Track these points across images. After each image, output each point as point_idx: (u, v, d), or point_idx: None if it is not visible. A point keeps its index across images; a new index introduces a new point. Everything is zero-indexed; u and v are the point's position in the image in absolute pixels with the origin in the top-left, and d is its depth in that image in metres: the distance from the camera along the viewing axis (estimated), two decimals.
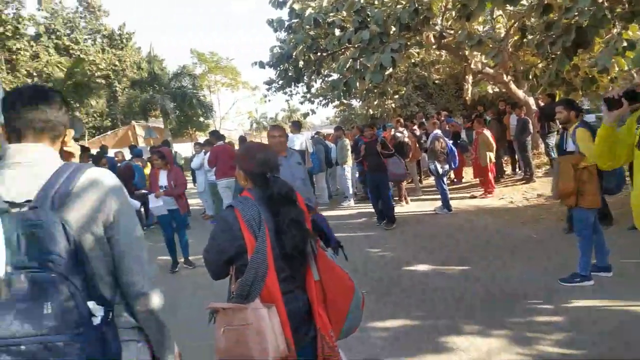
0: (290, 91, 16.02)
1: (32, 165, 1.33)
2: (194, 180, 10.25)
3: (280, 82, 14.08)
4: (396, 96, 15.81)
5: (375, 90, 13.60)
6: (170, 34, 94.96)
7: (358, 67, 7.80)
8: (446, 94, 16.80)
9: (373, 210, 7.78)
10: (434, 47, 10.00)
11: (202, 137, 24.71)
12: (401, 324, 3.75)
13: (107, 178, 1.40)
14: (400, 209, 8.35)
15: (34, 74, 21.44)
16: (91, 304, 1.23)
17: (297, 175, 4.00)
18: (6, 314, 1.14)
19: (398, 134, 8.40)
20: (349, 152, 9.44)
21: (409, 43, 8.50)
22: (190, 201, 9.74)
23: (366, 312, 2.21)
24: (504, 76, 10.28)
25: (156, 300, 1.43)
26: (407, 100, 15.89)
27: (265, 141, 4.05)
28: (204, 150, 9.23)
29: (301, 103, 20.09)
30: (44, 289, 1.17)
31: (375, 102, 15.84)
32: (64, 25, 27.13)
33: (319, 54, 10.33)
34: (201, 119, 27.16)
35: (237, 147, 10.81)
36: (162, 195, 5.81)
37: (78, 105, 17.67)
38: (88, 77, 17.30)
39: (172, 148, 11.66)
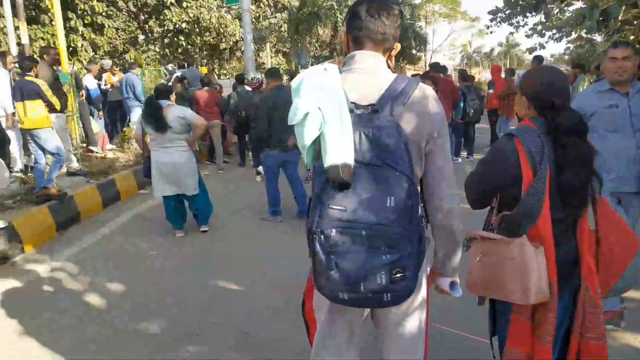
0: (518, 22, 14.26)
1: (372, 73, 1.45)
2: None
3: (509, 11, 12.60)
4: None
5: (636, 22, 11.02)
6: None
7: None
8: None
9: None
10: None
11: (410, 71, 24.37)
12: None
13: (434, 97, 1.48)
14: None
15: (271, 4, 23.82)
16: (420, 206, 1.35)
17: None
18: (352, 201, 1.30)
19: None
20: None
21: None
22: None
23: None
24: None
25: (458, 217, 1.53)
26: None
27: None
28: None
29: (528, 36, 17.77)
30: (388, 184, 1.29)
31: (632, 37, 12.95)
32: None
33: None
34: (414, 52, 26.61)
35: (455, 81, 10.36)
36: None
37: (307, 34, 19.12)
38: (317, 7, 18.41)
39: None
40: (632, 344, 2.75)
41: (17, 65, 6.35)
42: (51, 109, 5.53)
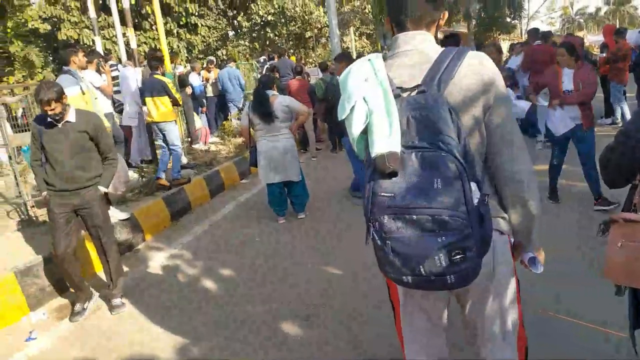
0: None
1: (417, 53, 1.41)
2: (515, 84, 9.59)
3: None
4: None
5: None
6: None
7: None
8: None
9: None
10: None
11: (506, 42, 22.74)
12: None
13: (487, 63, 1.40)
14: None
15: None
16: (473, 185, 1.26)
17: None
18: (402, 186, 1.26)
19: None
20: None
21: None
22: None
23: None
24: None
25: (531, 188, 1.43)
26: None
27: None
28: (523, 52, 8.43)
29: None
30: (436, 166, 1.24)
31: None
32: None
33: None
34: (507, 20, 24.73)
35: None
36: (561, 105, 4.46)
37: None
38: None
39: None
40: None
41: (146, 64, 7.04)
42: (174, 104, 6.24)
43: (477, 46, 11.09)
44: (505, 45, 19.60)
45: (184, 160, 7.07)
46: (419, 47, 1.42)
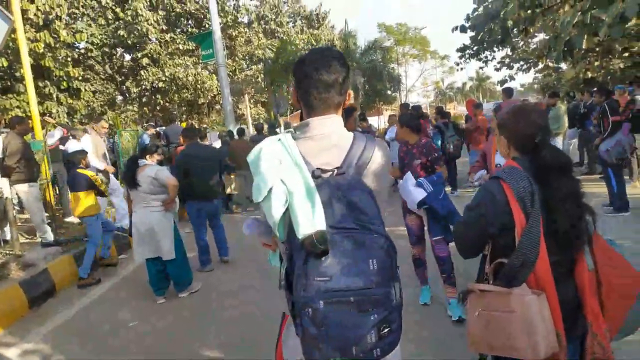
0: (486, 57, 14.82)
1: (331, 136, 1.45)
2: None
3: (476, 47, 13.06)
4: (626, 54, 13.13)
5: (598, 49, 11.51)
6: (363, 9, 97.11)
7: (588, 21, 6.59)
8: None
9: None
10: None
11: (388, 111, 24.84)
12: None
13: (388, 154, 1.52)
14: (631, 190, 6.98)
15: (247, 57, 24.39)
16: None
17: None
18: (336, 269, 1.24)
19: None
20: (565, 122, 8.25)
21: None
22: None
23: None
24: None
25: None
26: (639, 58, 13.08)
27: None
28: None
29: (497, 69, 18.51)
30: (369, 247, 1.26)
31: (597, 63, 13.46)
32: (270, 10, 30.05)
33: (529, 11, 9.15)
34: (389, 92, 27.27)
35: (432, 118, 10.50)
36: None
37: (285, 84, 19.49)
38: (291, 57, 18.86)
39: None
40: None
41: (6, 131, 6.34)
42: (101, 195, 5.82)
43: (362, 114, 11.91)
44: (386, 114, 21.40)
45: (50, 237, 6.28)
46: (332, 130, 1.47)
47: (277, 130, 8.82)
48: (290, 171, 1.32)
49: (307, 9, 32.59)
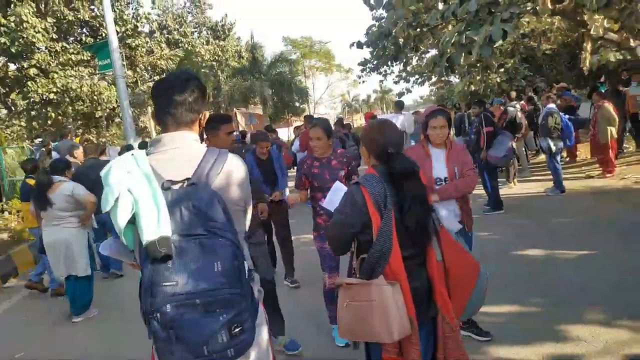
0: (385, 71, 15.78)
1: (183, 151, 1.55)
2: (294, 164, 10.59)
3: (375, 62, 13.87)
4: (501, 70, 14.78)
5: (479, 65, 12.83)
6: (267, 22, 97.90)
7: (464, 41, 7.39)
8: (557, 65, 15.35)
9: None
10: (548, 13, 9.14)
11: (297, 122, 25.30)
12: (515, 310, 3.59)
13: (242, 164, 1.64)
14: (506, 191, 7.90)
15: (149, 68, 23.46)
16: (245, 263, 1.45)
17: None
18: (182, 274, 1.33)
19: (510, 109, 7.91)
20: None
21: (521, 11, 7.84)
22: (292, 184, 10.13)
23: None
24: (631, 41, 9.10)
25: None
26: (513, 74, 14.80)
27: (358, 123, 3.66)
28: (300, 135, 9.52)
29: (396, 83, 19.68)
30: (214, 251, 1.36)
31: (478, 77, 14.98)
32: (173, 20, 29.24)
33: (418, 29, 9.99)
34: (297, 104, 27.85)
35: (333, 129, 10.97)
36: None
37: None
38: (196, 69, 18.54)
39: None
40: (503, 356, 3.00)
41: None
42: None
43: (267, 127, 12.08)
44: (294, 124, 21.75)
45: None
46: (184, 145, 1.55)
47: None
48: (139, 181, 1.38)
49: (212, 19, 32.23)
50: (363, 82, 26.16)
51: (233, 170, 1.57)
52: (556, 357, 2.89)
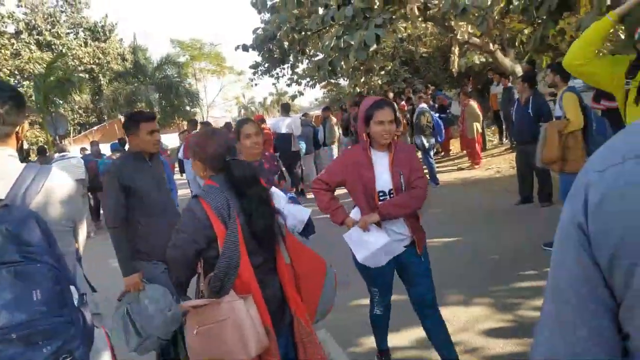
0: (277, 74, 15.83)
1: None
2: (182, 170, 10.15)
3: (266, 65, 13.84)
4: (382, 72, 15.62)
5: (362, 68, 13.42)
6: (153, 23, 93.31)
7: (342, 45, 7.67)
8: (433, 67, 16.65)
9: None
10: (419, 19, 9.87)
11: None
12: None
13: (68, 180, 1.56)
14: None
15: (16, 72, 21.05)
16: (72, 287, 1.34)
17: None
18: None
19: None
20: (337, 132, 9.39)
21: (393, 17, 8.35)
22: (182, 191, 9.72)
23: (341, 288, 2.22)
24: (490, 45, 10.17)
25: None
26: (394, 76, 15.72)
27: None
28: (185, 140, 9.18)
29: (288, 85, 19.88)
30: (32, 278, 1.24)
31: (362, 80, 15.68)
32: (44, 20, 26.57)
33: (302, 33, 10.16)
34: (187, 108, 26.89)
35: None
36: None
37: (62, 101, 17.39)
38: (70, 72, 16.97)
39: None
40: None
41: None
42: None
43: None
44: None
45: None
46: None
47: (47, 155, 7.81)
48: None
49: (90, 20, 29.83)
50: (255, 84, 26.02)
51: (55, 186, 1.48)
52: (423, 338, 3.06)
